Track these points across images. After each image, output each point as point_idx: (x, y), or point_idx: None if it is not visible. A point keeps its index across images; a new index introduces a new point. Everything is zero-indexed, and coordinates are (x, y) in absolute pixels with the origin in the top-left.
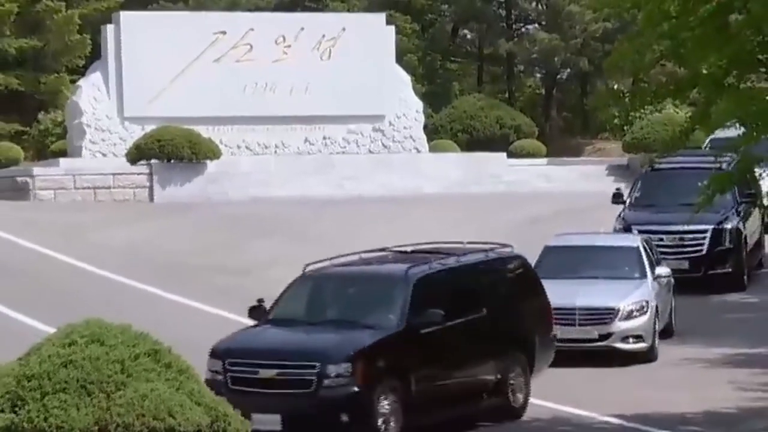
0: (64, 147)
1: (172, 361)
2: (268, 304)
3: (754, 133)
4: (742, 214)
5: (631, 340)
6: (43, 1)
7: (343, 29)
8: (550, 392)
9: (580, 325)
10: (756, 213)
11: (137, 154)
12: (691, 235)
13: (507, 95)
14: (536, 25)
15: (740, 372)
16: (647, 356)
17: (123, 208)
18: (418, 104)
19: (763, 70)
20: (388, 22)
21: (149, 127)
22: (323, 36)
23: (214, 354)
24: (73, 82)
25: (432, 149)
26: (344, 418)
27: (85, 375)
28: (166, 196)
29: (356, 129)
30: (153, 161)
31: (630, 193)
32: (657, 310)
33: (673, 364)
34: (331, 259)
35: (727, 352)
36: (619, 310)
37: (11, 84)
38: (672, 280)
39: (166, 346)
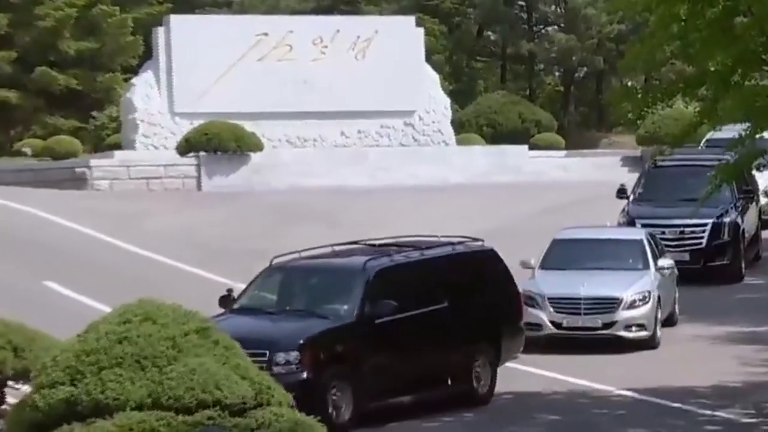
0: (118, 140)
1: (219, 338)
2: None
3: (759, 127)
4: (740, 209)
5: (634, 328)
6: (99, 6)
7: (376, 31)
8: (567, 368)
9: (585, 314)
10: (753, 208)
11: (186, 146)
12: (691, 229)
13: (528, 92)
14: (555, 26)
15: (745, 348)
16: (649, 344)
17: (173, 197)
18: (446, 100)
19: (767, 68)
20: (418, 25)
21: (197, 122)
22: (358, 37)
23: None
24: (127, 80)
25: (458, 142)
26: (292, 404)
27: (139, 351)
28: (213, 185)
29: (388, 123)
30: (201, 153)
31: (633, 188)
32: (659, 300)
33: (682, 341)
34: (300, 251)
35: (731, 330)
36: (622, 300)
37: (70, 83)
38: (676, 271)
39: (213, 324)
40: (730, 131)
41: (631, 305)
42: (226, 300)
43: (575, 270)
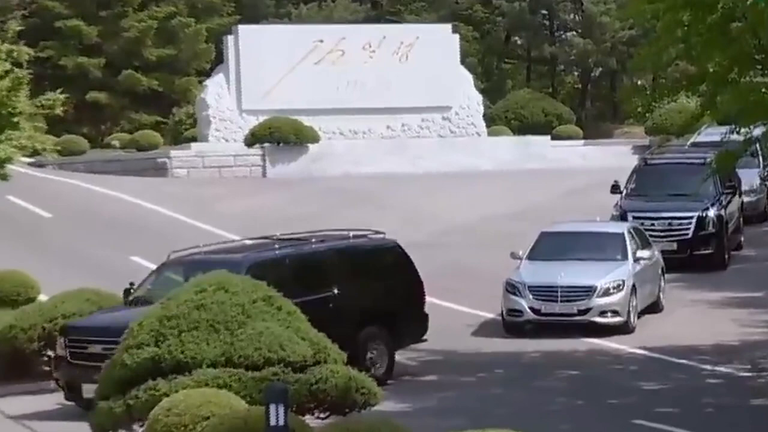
0: (194, 134)
1: (282, 305)
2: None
3: (752, 119)
4: (723, 202)
5: (608, 314)
6: (177, 18)
7: (417, 37)
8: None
9: (561, 301)
10: (736, 201)
11: (253, 139)
12: (678, 221)
13: (550, 89)
14: (574, 32)
15: (741, 312)
16: (623, 329)
17: (241, 183)
18: (478, 97)
19: (760, 67)
20: (454, 32)
21: (262, 118)
22: (401, 43)
23: (60, 332)
24: (201, 82)
25: (489, 134)
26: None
27: (213, 316)
28: (276, 173)
29: (428, 118)
30: (265, 145)
31: (626, 184)
32: (635, 288)
33: (685, 306)
34: (198, 246)
35: (729, 295)
36: (596, 288)
37: (152, 85)
38: (661, 261)
39: (278, 293)
40: (713, 135)
41: (605, 293)
42: (127, 293)
43: (558, 261)
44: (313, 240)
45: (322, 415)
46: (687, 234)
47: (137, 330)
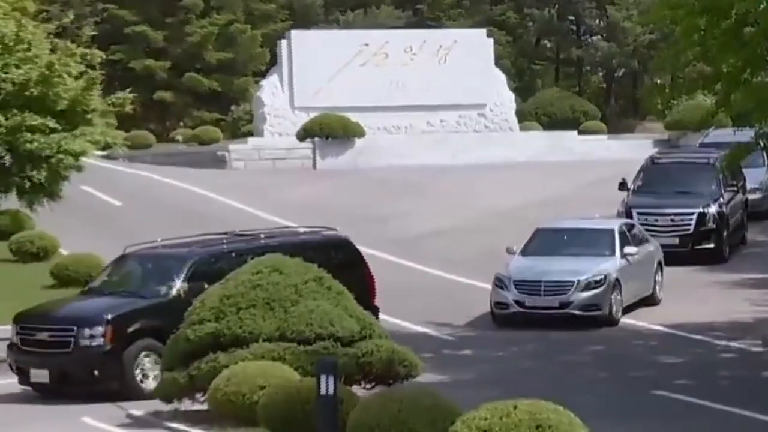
0: (251, 129)
1: (331, 285)
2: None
3: (764, 116)
4: (725, 200)
5: (589, 308)
6: (235, 24)
7: (455, 41)
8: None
9: (544, 295)
10: (739, 198)
11: (304, 134)
12: (680, 217)
13: (577, 88)
14: (599, 36)
15: (754, 292)
16: (606, 322)
17: (294, 174)
18: (511, 96)
19: None
20: (488, 36)
21: (313, 115)
22: (440, 46)
23: (14, 320)
24: (257, 82)
25: (521, 129)
26: (95, 372)
27: (269, 295)
28: (325, 165)
29: (465, 114)
30: (315, 139)
31: (633, 181)
32: (619, 283)
33: (701, 286)
34: (155, 241)
35: (743, 277)
36: (576, 283)
37: (213, 85)
38: (658, 256)
39: (328, 274)
40: (720, 136)
41: (586, 287)
42: (86, 284)
43: (549, 256)
44: (263, 235)
45: (368, 386)
46: (688, 229)
47: (199, 307)
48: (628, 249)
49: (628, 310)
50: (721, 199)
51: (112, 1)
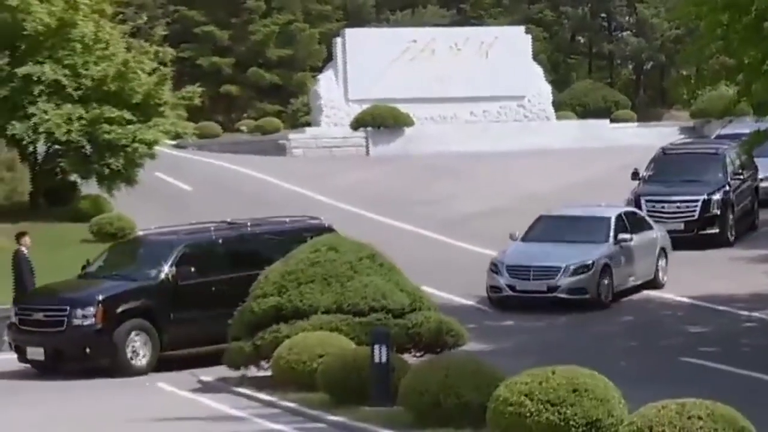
0: (309, 120)
1: (384, 262)
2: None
3: None
4: (731, 188)
5: (575, 292)
6: (295, 24)
7: (496, 38)
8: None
9: (533, 279)
10: (747, 186)
11: (357, 124)
12: (685, 204)
13: (609, 80)
14: (629, 32)
15: None
16: (594, 305)
17: (348, 161)
18: (548, 87)
19: None
20: (526, 32)
21: (365, 106)
22: (482, 42)
23: (13, 301)
24: (314, 77)
25: (557, 118)
26: (87, 350)
27: (326, 271)
28: (377, 152)
29: (505, 105)
30: (368, 128)
31: (645, 171)
32: (608, 268)
33: (722, 262)
34: (148, 229)
35: (762, 253)
36: (563, 268)
37: (274, 79)
38: (662, 242)
39: (380, 251)
40: (735, 128)
41: (574, 272)
42: (83, 268)
43: (547, 242)
44: (249, 224)
45: (418, 354)
46: (693, 215)
47: (263, 283)
48: (622, 236)
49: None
50: (727, 187)
51: (182, 3)
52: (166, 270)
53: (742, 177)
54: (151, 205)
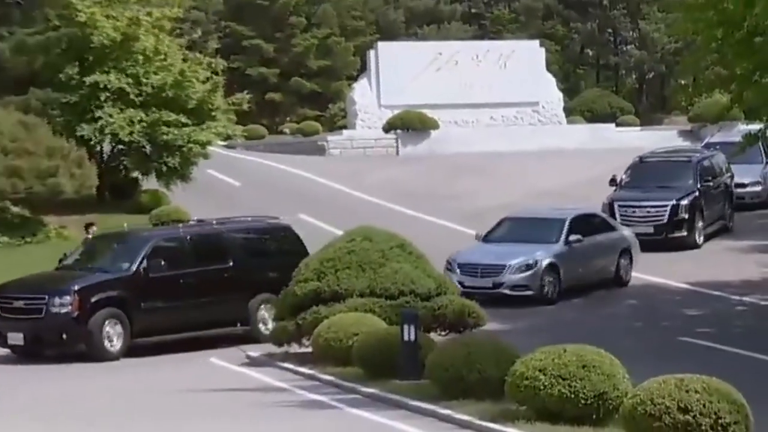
0: (345, 123)
1: (412, 250)
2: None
3: None
4: (700, 193)
5: (518, 288)
6: (332, 37)
7: (513, 50)
8: (640, 268)
9: (481, 276)
10: (720, 191)
11: (389, 126)
12: (655, 209)
13: (614, 89)
14: (632, 45)
15: (763, 256)
16: (539, 301)
17: (380, 160)
18: (559, 95)
19: None
20: (540, 45)
21: (396, 111)
22: (501, 54)
23: None
24: (350, 85)
25: (568, 122)
26: (64, 336)
27: (361, 259)
28: (406, 152)
29: (521, 111)
30: (398, 131)
31: (622, 177)
32: (555, 267)
33: (717, 252)
34: (122, 226)
35: (752, 243)
36: (506, 266)
37: (314, 87)
38: (625, 243)
39: (409, 241)
40: (723, 137)
41: (517, 270)
42: (60, 261)
43: (504, 243)
44: (214, 222)
45: (442, 333)
46: (662, 219)
47: (304, 269)
48: (573, 237)
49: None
50: (696, 193)
51: (232, 19)
52: (138, 263)
53: (711, 183)
54: (203, 198)
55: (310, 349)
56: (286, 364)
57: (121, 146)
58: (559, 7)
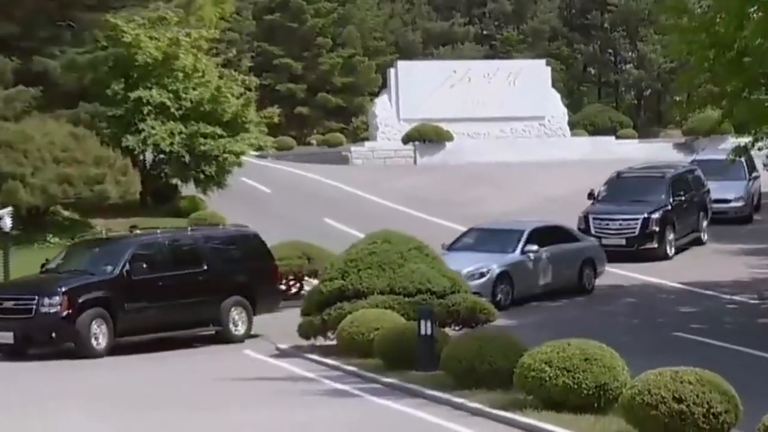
0: (367, 135)
1: (429, 252)
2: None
3: (760, 125)
4: (671, 207)
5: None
6: (356, 57)
7: (521, 69)
8: (639, 269)
9: None
10: (693, 206)
11: (407, 138)
12: (627, 222)
13: (614, 104)
14: (631, 64)
15: (752, 258)
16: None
17: (400, 169)
18: (564, 110)
19: (765, 88)
20: (546, 64)
21: (414, 124)
22: (510, 72)
23: None
24: (372, 100)
25: (572, 135)
26: (53, 335)
27: (381, 259)
28: (423, 162)
29: (529, 124)
30: (416, 143)
31: (599, 192)
32: (507, 276)
33: (708, 255)
34: (101, 233)
35: (742, 247)
36: (460, 274)
37: (339, 102)
38: (588, 253)
39: (425, 243)
40: (709, 155)
41: (470, 278)
42: (43, 265)
43: (464, 251)
44: (189, 229)
45: (456, 328)
46: (634, 232)
47: (330, 269)
48: (529, 247)
49: (651, 270)
50: (668, 207)
51: (264, 39)
52: (122, 266)
53: (684, 197)
54: (238, 204)
55: (334, 342)
56: (312, 356)
57: (162, 156)
58: (564, 29)
